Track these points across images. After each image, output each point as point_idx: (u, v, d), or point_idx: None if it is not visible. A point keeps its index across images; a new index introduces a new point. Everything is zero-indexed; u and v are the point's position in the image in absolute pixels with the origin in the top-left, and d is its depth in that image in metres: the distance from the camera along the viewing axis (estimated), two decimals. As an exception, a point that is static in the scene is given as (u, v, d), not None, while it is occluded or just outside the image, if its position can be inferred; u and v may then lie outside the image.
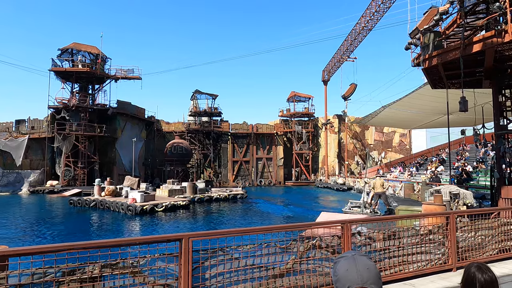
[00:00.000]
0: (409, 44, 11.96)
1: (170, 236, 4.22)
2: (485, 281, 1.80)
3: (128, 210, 19.55)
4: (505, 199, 9.88)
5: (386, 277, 5.35)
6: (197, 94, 44.82)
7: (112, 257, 3.95)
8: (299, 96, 47.60)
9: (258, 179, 46.26)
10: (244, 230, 4.62)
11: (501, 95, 10.37)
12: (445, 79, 11.50)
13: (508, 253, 6.64)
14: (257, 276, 4.48)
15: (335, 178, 41.72)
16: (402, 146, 48.24)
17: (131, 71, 37.17)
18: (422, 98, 20.40)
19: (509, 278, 5.47)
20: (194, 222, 17.97)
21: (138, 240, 4.18)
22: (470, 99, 11.32)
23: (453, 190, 10.46)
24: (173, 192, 25.17)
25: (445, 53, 10.04)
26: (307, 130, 46.66)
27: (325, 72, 45.52)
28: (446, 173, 22.93)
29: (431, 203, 9.53)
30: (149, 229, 15.96)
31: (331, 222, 5.08)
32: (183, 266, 4.08)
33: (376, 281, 1.16)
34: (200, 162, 45.45)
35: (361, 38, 34.16)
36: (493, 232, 6.58)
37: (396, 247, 5.58)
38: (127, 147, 36.13)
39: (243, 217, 20.28)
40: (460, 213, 6.57)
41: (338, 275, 1.20)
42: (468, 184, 19.80)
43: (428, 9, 12.13)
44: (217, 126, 45.40)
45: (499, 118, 10.34)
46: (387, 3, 27.43)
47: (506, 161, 10.26)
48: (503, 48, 9.27)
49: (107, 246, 3.83)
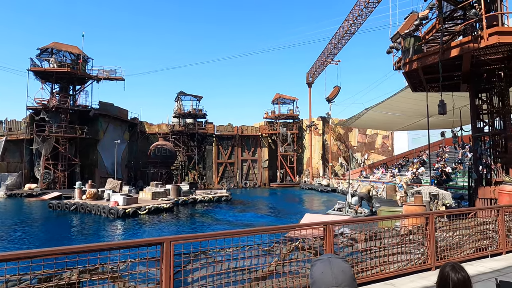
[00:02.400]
0: (391, 48, 12.21)
1: (151, 240, 4.16)
2: (458, 280, 1.85)
3: (110, 214, 19.17)
4: (481, 199, 10.20)
5: (368, 277, 5.42)
6: (181, 96, 44.46)
7: (91, 262, 3.86)
8: (284, 98, 47.87)
9: (243, 181, 46.20)
10: (227, 232, 4.59)
11: (477, 99, 10.71)
12: (425, 82, 11.80)
13: (484, 252, 6.85)
14: (239, 279, 4.46)
15: (319, 180, 42.10)
16: (384, 148, 49.16)
17: (113, 72, 36.55)
18: (403, 101, 20.87)
19: (485, 276, 5.64)
20: (178, 225, 17.77)
21: (118, 244, 4.10)
22: (449, 102, 11.66)
23: (432, 191, 10.72)
24: (156, 195, 24.84)
25: (424, 57, 10.30)
26: (291, 132, 46.95)
27: (310, 75, 45.97)
28: (427, 174, 23.49)
29: (411, 204, 9.74)
30: (131, 233, 15.69)
31: (313, 224, 5.12)
32: (165, 270, 4.02)
33: (350, 283, 1.17)
34: (185, 164, 45.05)
35: (345, 41, 34.67)
36: (470, 232, 6.77)
37: (377, 247, 5.67)
38: (110, 149, 35.44)
39: (227, 219, 20.21)
40: (439, 214, 6.74)
41: (314, 278, 1.21)
42: (448, 185, 20.35)
43: (409, 14, 12.43)
44: (202, 127, 45.12)
45: (476, 121, 10.68)
46: (369, 7, 27.95)
47: (483, 162, 10.59)
48: (479, 53, 9.59)
49: (85, 251, 3.74)
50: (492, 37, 8.43)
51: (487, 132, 10.66)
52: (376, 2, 27.15)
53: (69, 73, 33.37)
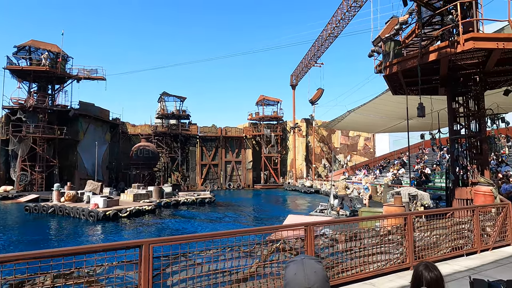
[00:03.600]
0: (372, 52, 12.41)
1: (130, 243, 4.08)
2: (431, 279, 1.90)
3: (89, 216, 18.71)
4: (458, 199, 10.49)
5: (348, 277, 5.49)
6: (164, 96, 43.93)
7: (66, 266, 3.75)
8: (268, 100, 48.03)
9: (227, 183, 46.03)
10: (207, 234, 4.55)
11: (454, 102, 11.02)
12: (404, 86, 12.06)
13: (460, 251, 7.04)
14: (220, 281, 4.43)
15: (303, 181, 42.41)
16: (366, 150, 50.00)
17: (94, 71, 35.75)
18: (384, 103, 21.31)
19: (460, 274, 5.79)
20: (160, 228, 17.52)
21: (95, 247, 3.99)
22: (427, 105, 11.94)
23: (411, 191, 10.96)
24: (138, 197, 24.42)
25: (404, 61, 10.53)
26: (275, 133, 47.13)
27: (293, 77, 46.30)
28: (407, 175, 24.00)
29: (391, 205, 9.93)
30: (111, 236, 15.35)
31: (294, 225, 5.14)
32: (143, 273, 3.95)
33: (322, 284, 1.18)
34: (168, 166, 44.50)
35: (328, 44, 35.11)
36: (446, 231, 6.96)
37: (357, 248, 5.75)
38: (90, 150, 34.62)
39: (209, 221, 20.08)
40: (417, 214, 6.89)
41: (287, 279, 1.21)
42: (427, 186, 20.85)
43: (390, 18, 12.69)
44: (185, 129, 44.71)
45: (453, 124, 10.99)
46: (352, 11, 28.41)
47: (460, 164, 10.91)
48: (456, 57, 9.88)
49: (60, 255, 3.63)
50: (468, 42, 8.69)
51: (463, 135, 10.98)
52: (358, 6, 27.62)
53: (48, 72, 32.43)
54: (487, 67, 9.90)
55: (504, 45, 8.64)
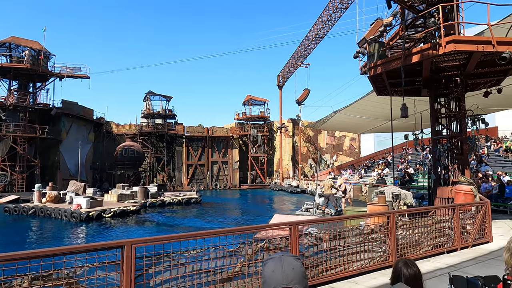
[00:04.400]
0: (357, 53, 12.57)
1: (111, 243, 4.01)
2: (410, 275, 1.94)
3: (72, 217, 18.31)
4: (440, 198, 10.73)
5: (332, 276, 5.53)
6: (150, 96, 43.40)
7: (45, 268, 3.65)
8: (255, 100, 48.04)
9: (213, 183, 45.82)
10: (191, 234, 4.51)
11: (436, 103, 11.27)
12: (388, 87, 12.25)
13: (441, 248, 7.20)
14: (204, 281, 4.40)
15: (289, 181, 42.59)
16: (352, 150, 50.62)
17: (78, 70, 35.01)
18: (369, 104, 21.61)
19: (441, 271, 5.92)
20: (144, 228, 17.29)
21: (75, 248, 3.91)
22: (411, 106, 12.16)
23: (395, 191, 11.14)
24: (122, 197, 24.05)
25: (388, 63, 10.69)
26: (262, 133, 47.18)
27: (280, 77, 46.45)
28: (391, 175, 24.40)
29: (375, 204, 10.07)
30: (94, 237, 15.06)
31: (279, 224, 5.15)
32: (125, 274, 3.89)
33: (300, 281, 1.17)
34: (153, 166, 43.98)
35: (314, 45, 35.36)
36: (428, 230, 7.10)
37: (342, 246, 5.80)
38: (73, 150, 33.88)
39: (195, 221, 19.94)
40: (400, 213, 7.00)
41: (265, 276, 1.21)
42: (410, 185, 21.28)
43: (375, 20, 12.89)
44: (171, 128, 44.29)
45: (435, 124, 11.24)
46: (337, 12, 28.70)
47: (441, 163, 11.15)
48: (438, 59, 10.10)
49: (38, 256, 3.53)
50: (449, 45, 8.89)
51: (445, 135, 11.24)
52: (344, 8, 27.92)
53: (29, 70, 31.59)
54: (467, 69, 10.15)
55: (484, 48, 8.88)
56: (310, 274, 5.25)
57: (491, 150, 22.38)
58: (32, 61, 31.98)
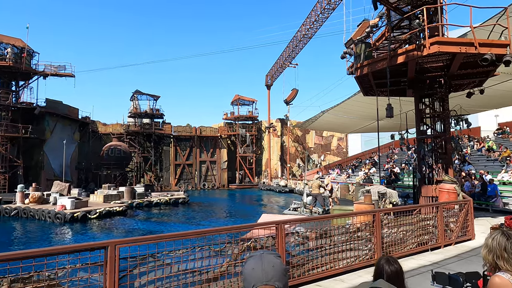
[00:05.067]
0: (345, 54, 12.68)
1: (94, 244, 3.94)
2: (391, 272, 1.96)
3: (56, 218, 17.94)
4: (424, 197, 10.91)
5: (319, 274, 5.56)
6: (137, 95, 42.85)
7: (25, 270, 3.56)
8: (243, 100, 47.99)
9: (201, 183, 45.58)
10: (176, 234, 4.47)
11: (421, 103, 11.46)
12: (374, 87, 12.40)
13: (425, 246, 7.32)
14: (190, 281, 4.36)
15: (277, 181, 42.70)
16: (339, 150, 51.08)
17: (62, 68, 34.27)
18: (356, 104, 21.85)
19: (425, 268, 6.02)
20: (130, 229, 17.07)
21: (57, 249, 3.82)
22: (396, 106, 12.35)
23: (381, 190, 11.28)
24: (109, 198, 23.68)
25: (374, 63, 10.82)
26: (251, 133, 47.16)
27: (269, 77, 46.52)
28: (378, 174, 24.72)
29: (361, 203, 10.18)
30: (78, 238, 14.79)
31: (265, 224, 5.15)
32: (109, 275, 3.82)
33: (280, 278, 1.17)
34: (140, 166, 43.46)
35: (302, 45, 35.53)
36: (413, 228, 7.21)
37: (328, 245, 5.84)
38: (58, 149, 33.17)
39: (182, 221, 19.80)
40: (385, 211, 7.09)
41: (245, 274, 1.20)
42: (396, 184, 21.59)
43: (361, 21, 13.02)
44: (159, 128, 43.84)
45: (420, 124, 11.43)
46: (325, 13, 28.91)
47: (426, 162, 11.35)
48: (422, 60, 10.28)
49: (18, 258, 3.44)
50: (433, 46, 9.06)
51: (429, 135, 11.44)
52: (331, 8, 28.15)
53: (11, 67, 30.78)
54: (451, 70, 10.35)
55: (466, 50, 9.08)
56: (297, 272, 5.27)
57: (474, 149, 22.89)
58: (14, 59, 31.17)
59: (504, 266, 1.83)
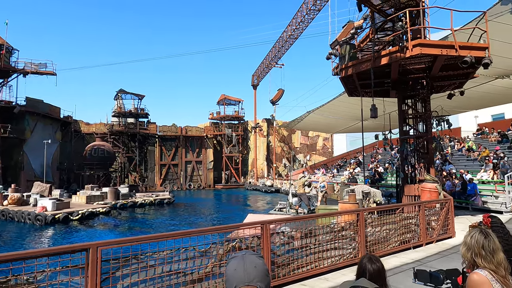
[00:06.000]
0: (330, 54, 12.80)
1: (75, 246, 3.84)
2: (374, 270, 1.99)
3: (36, 220, 17.46)
4: (407, 196, 11.13)
5: (303, 273, 5.59)
6: (121, 94, 42.15)
7: (2, 274, 3.45)
8: (230, 99, 47.86)
9: (187, 183, 45.21)
10: (160, 235, 4.41)
11: (404, 104, 11.68)
12: (359, 88, 12.57)
13: (408, 244, 7.46)
14: (174, 282, 4.31)
15: (263, 181, 42.77)
16: (325, 149, 51.56)
17: (43, 66, 33.40)
18: (341, 105, 22.10)
19: (407, 266, 6.13)
20: (114, 230, 16.78)
21: (36, 252, 3.71)
22: (380, 107, 12.52)
23: (365, 189, 11.44)
24: (92, 199, 23.22)
25: (358, 64, 10.98)
26: (237, 133, 47.08)
27: (255, 77, 46.54)
28: (362, 174, 25.06)
29: (346, 202, 10.30)
30: (59, 240, 14.43)
31: (250, 224, 5.14)
32: (90, 278, 3.74)
33: (262, 279, 1.17)
34: (125, 166, 42.78)
35: (288, 45, 35.69)
36: (396, 226, 7.34)
37: (313, 244, 5.88)
38: (38, 149, 32.30)
39: (167, 222, 19.60)
40: (369, 210, 7.19)
41: (227, 275, 1.20)
42: (380, 184, 21.93)
43: (346, 23, 13.18)
44: (144, 128, 43.25)
45: (403, 125, 11.65)
46: (311, 14, 29.13)
47: (409, 162, 11.58)
48: (405, 62, 10.47)
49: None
50: (416, 48, 9.25)
51: (412, 135, 11.67)
52: (317, 10, 28.37)
53: (-11, 65, 29.83)
54: (432, 72, 10.59)
55: (447, 52, 9.30)
56: (282, 272, 5.28)
57: (455, 149, 23.48)
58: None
59: (482, 263, 1.88)
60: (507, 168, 14.88)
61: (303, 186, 15.10)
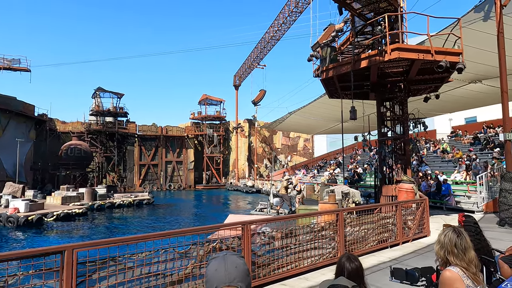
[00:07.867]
0: (311, 56, 12.94)
1: (50, 249, 3.72)
2: (352, 269, 2.03)
3: (8, 222, 16.78)
4: (385, 196, 11.40)
5: (283, 273, 5.62)
6: (100, 92, 41.10)
7: (-30, 279, 3.29)
8: (211, 99, 47.59)
9: (167, 183, 44.61)
10: (139, 237, 4.33)
11: (382, 107, 11.95)
12: (339, 90, 12.78)
13: (385, 243, 7.64)
14: (153, 284, 4.24)
15: (245, 181, 42.76)
16: (306, 150, 52.10)
17: (17, 62, 32.17)
18: (322, 106, 22.39)
19: (385, 265, 6.27)
20: (90, 232, 16.34)
21: (7, 255, 3.56)
22: (359, 109, 12.78)
23: (344, 189, 11.63)
24: (67, 199, 22.54)
25: (339, 67, 11.16)
26: (218, 133, 46.87)
27: (237, 77, 46.48)
28: (342, 174, 25.47)
29: (326, 202, 10.44)
30: (32, 243, 13.92)
31: (231, 224, 5.13)
32: (65, 281, 3.63)
33: (243, 279, 1.17)
34: (102, 166, 41.74)
35: (270, 46, 35.84)
36: (374, 226, 7.50)
37: (293, 244, 5.92)
38: (10, 148, 31.06)
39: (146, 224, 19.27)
40: (348, 210, 7.31)
41: (208, 276, 1.19)
42: (359, 184, 22.37)
43: (327, 25, 13.38)
44: (123, 127, 42.36)
45: (381, 126, 11.92)
46: (293, 16, 29.37)
47: (387, 163, 11.86)
48: (384, 65, 10.73)
49: (-38, 266, 3.17)
50: (394, 52, 9.49)
51: (390, 137, 11.96)
52: (299, 12, 28.64)
53: (-42, 59, 28.47)
54: (410, 76, 10.90)
55: (424, 56, 9.60)
56: (262, 272, 5.30)
57: (430, 151, 24.24)
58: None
59: (454, 261, 1.95)
60: (479, 170, 15.48)
61: (285, 188, 15.19)
